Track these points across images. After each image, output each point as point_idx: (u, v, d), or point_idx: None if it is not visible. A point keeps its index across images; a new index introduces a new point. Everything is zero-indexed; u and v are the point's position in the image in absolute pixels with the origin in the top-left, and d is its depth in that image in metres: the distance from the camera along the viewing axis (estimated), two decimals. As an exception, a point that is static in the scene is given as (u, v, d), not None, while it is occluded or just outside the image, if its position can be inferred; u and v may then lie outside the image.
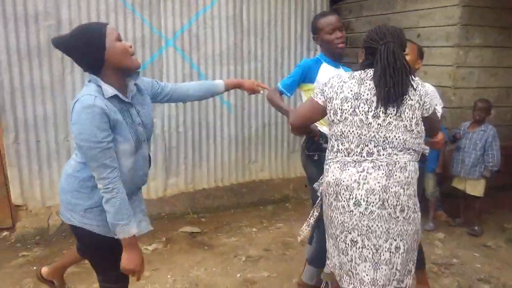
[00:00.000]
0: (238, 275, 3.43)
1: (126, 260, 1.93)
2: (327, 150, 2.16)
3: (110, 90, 1.83)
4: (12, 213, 4.22)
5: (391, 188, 1.94)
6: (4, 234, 4.15)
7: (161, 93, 2.30)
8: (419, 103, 2.00)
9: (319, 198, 2.37)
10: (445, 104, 5.08)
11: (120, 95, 1.89)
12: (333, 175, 2.04)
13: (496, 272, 3.56)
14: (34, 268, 3.50)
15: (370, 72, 2.05)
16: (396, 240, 1.97)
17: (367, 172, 1.95)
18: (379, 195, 1.93)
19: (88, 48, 1.80)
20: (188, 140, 4.87)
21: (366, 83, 2.02)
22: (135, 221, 1.94)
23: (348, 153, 2.01)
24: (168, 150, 4.78)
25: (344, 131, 2.02)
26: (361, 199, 1.95)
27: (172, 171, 4.82)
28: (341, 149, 2.04)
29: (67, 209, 1.98)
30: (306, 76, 2.78)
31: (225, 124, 5.04)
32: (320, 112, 2.17)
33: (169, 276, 3.38)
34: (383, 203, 1.93)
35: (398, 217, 1.96)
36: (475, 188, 4.37)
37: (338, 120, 2.04)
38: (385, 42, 2.02)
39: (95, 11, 4.30)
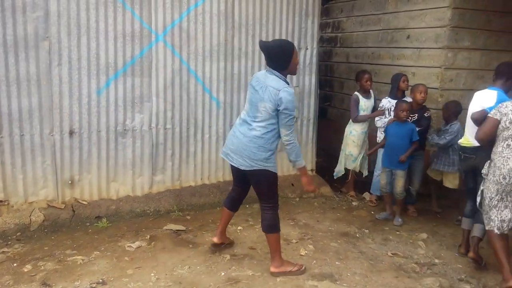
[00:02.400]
0: (223, 273, 3.42)
1: (306, 182, 3.39)
2: (501, 147, 3.20)
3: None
4: (-6, 208, 4.16)
5: None
6: (-15, 229, 4.10)
7: None
8: None
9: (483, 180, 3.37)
10: (432, 105, 5.14)
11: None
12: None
13: (477, 273, 3.61)
14: (15, 265, 3.47)
15: None
16: None
17: None
18: None
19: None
20: (176, 137, 4.84)
21: None
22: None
23: None
24: (155, 147, 4.75)
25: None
26: None
27: (158, 167, 4.79)
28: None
29: (251, 159, 3.20)
30: None
31: (214, 121, 5.02)
32: (497, 125, 3.23)
33: (152, 275, 3.36)
34: None
35: None
36: (452, 181, 4.69)
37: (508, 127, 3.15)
38: None
39: (84, 3, 4.23)
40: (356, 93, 5.26)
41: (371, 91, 5.33)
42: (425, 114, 4.72)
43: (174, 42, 4.68)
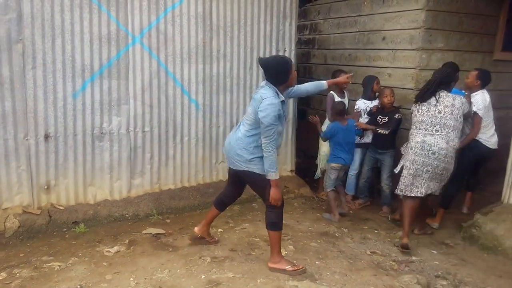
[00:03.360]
0: (203, 276, 3.40)
1: (273, 194, 3.34)
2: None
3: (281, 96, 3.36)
4: (-33, 214, 4.05)
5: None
6: (-42, 236, 3.99)
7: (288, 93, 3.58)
8: None
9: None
10: (407, 106, 5.24)
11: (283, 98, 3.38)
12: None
13: (453, 269, 3.69)
14: (-10, 272, 3.38)
15: None
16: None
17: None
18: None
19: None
20: (154, 140, 4.80)
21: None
22: (277, 170, 3.31)
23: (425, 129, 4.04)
24: (133, 150, 4.70)
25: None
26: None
27: (137, 171, 4.75)
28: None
29: (236, 160, 3.40)
30: None
31: (193, 123, 5.00)
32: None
33: (131, 279, 3.31)
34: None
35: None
36: None
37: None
38: None
39: (59, 5, 4.16)
40: (331, 92, 5.31)
41: (345, 91, 5.42)
42: (396, 116, 4.88)
43: (151, 44, 4.65)
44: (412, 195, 4.03)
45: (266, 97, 3.24)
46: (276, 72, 3.32)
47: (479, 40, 5.63)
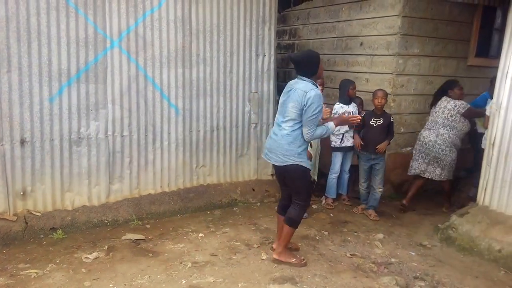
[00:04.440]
0: (184, 281, 3.38)
1: (342, 120, 3.87)
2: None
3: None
4: None
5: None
6: None
7: None
8: None
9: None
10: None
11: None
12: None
13: (431, 270, 3.76)
14: (-37, 281, 3.28)
15: None
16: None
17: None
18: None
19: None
20: (133, 144, 4.75)
21: None
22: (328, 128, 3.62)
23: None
24: (112, 155, 4.64)
25: None
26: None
27: (116, 176, 4.68)
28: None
29: (284, 155, 3.54)
30: None
31: (172, 128, 4.97)
32: None
33: (111, 286, 3.27)
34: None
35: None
36: None
37: None
38: None
39: (35, 8, 4.09)
40: None
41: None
42: (391, 119, 4.97)
43: (130, 48, 4.61)
44: (411, 173, 5.24)
45: (309, 89, 3.45)
46: (309, 64, 3.58)
47: (453, 46, 5.78)
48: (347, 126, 5.04)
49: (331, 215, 5.05)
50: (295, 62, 3.62)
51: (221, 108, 5.25)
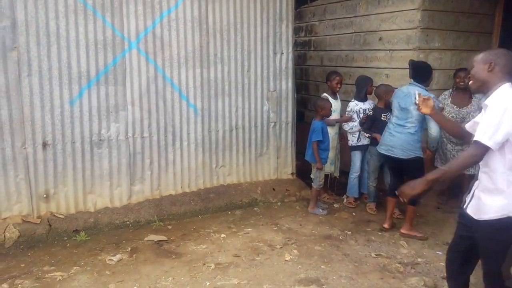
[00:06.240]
0: (208, 283, 3.36)
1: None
2: None
3: None
4: (-35, 225, 3.97)
5: None
6: (-44, 248, 3.91)
7: None
8: None
9: None
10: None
11: None
12: None
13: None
14: (-10, 284, 3.32)
15: None
16: None
17: None
18: None
19: None
20: (153, 145, 4.75)
21: None
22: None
23: None
24: (133, 156, 4.64)
25: None
26: None
27: (137, 177, 4.69)
28: None
29: (409, 150, 4.20)
30: None
31: (192, 128, 4.95)
32: None
33: (135, 288, 3.28)
34: None
35: None
36: None
37: None
38: None
39: (53, 12, 4.11)
40: (325, 94, 5.27)
41: (337, 93, 5.37)
42: None
43: (148, 49, 4.60)
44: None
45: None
46: (424, 72, 4.32)
47: (475, 39, 5.64)
48: (358, 124, 5.11)
49: (354, 214, 4.98)
50: (415, 68, 4.31)
51: (240, 107, 5.22)
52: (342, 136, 5.42)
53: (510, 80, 2.37)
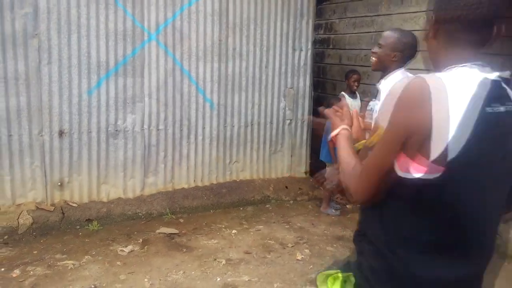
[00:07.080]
0: (218, 279, 3.35)
1: None
2: None
3: None
4: (-20, 210, 4.02)
5: None
6: (-29, 231, 3.96)
7: None
8: None
9: None
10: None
11: None
12: None
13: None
14: (3, 270, 3.35)
15: None
16: None
17: None
18: None
19: None
20: (168, 138, 4.74)
21: None
22: None
23: None
24: (148, 148, 4.64)
25: None
26: None
27: (150, 169, 4.69)
28: None
29: None
30: None
31: (207, 123, 4.93)
32: None
33: (146, 280, 3.27)
34: None
35: None
36: None
37: None
38: None
39: (75, 0, 4.12)
40: (342, 93, 5.23)
41: (357, 92, 5.33)
42: None
43: (167, 41, 4.59)
44: None
45: None
46: None
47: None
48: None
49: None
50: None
51: (256, 103, 5.18)
52: None
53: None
